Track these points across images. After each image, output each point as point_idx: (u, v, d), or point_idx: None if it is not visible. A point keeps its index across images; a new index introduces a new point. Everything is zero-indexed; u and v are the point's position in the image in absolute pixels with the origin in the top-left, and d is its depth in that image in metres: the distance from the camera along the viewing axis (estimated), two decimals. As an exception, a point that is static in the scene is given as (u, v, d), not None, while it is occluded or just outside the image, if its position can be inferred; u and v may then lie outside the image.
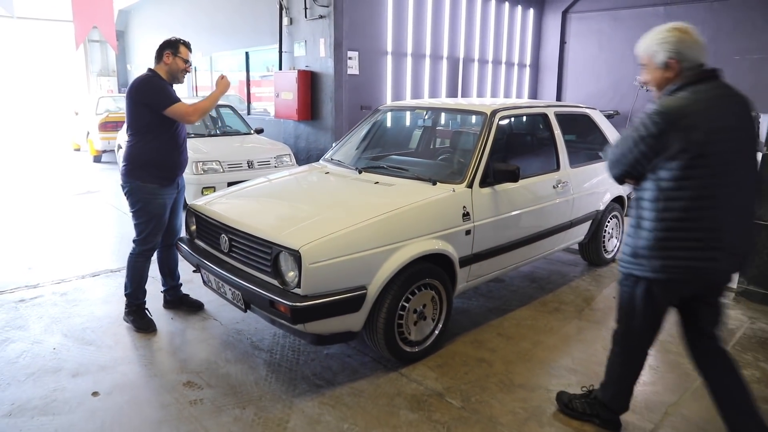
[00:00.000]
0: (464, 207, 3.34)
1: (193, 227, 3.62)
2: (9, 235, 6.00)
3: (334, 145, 4.65)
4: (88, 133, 11.96)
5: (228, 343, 3.46)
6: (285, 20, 8.65)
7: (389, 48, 9.05)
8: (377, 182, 3.57)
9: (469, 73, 10.75)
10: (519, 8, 11.60)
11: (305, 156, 8.57)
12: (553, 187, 4.12)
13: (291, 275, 2.77)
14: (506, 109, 3.95)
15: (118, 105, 13.86)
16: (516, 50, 11.81)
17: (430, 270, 3.16)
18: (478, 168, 3.49)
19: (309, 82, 8.35)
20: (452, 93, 10.44)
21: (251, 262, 2.99)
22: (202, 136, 7.76)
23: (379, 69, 8.94)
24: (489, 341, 3.55)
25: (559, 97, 12.31)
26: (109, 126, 11.17)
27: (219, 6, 11.17)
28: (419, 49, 9.62)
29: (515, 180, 3.47)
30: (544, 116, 4.36)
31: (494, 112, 3.81)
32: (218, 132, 8.25)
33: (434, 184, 3.44)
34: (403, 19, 9.19)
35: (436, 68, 10.02)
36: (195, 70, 12.62)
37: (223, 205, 3.55)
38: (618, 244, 5.20)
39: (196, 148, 6.92)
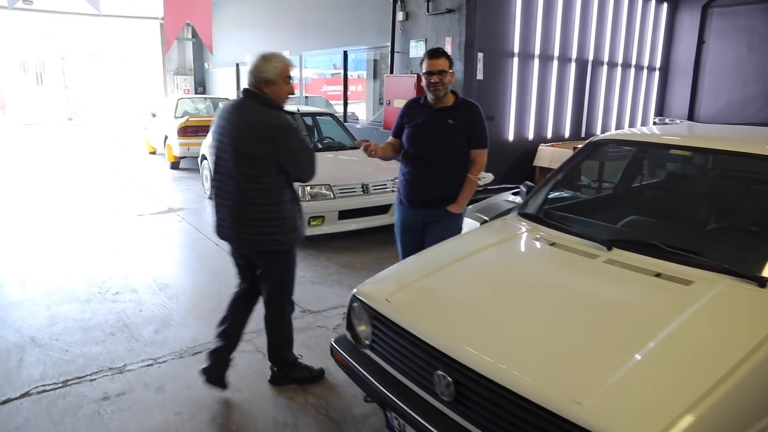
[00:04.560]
0: (830, 331, 2.00)
1: (363, 327, 2.42)
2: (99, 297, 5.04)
3: (523, 189, 3.35)
4: (166, 137, 11.11)
5: None
6: (399, 15, 7.39)
7: (516, 49, 7.69)
8: (658, 274, 2.26)
9: (597, 78, 9.25)
10: (652, 3, 9.98)
11: (418, 175, 7.33)
12: None
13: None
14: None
15: (196, 107, 13.02)
16: (646, 51, 10.20)
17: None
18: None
19: (429, 88, 7.08)
20: (579, 100, 8.97)
21: (505, 433, 1.74)
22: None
23: (504, 73, 7.59)
24: None
25: (692, 106, 10.60)
26: (189, 131, 10.23)
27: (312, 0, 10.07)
28: (547, 50, 8.20)
29: None
30: None
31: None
32: (320, 146, 7.11)
33: (763, 285, 2.10)
34: (532, 16, 7.80)
35: (563, 72, 8.58)
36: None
37: (422, 310, 2.27)
38: None
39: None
